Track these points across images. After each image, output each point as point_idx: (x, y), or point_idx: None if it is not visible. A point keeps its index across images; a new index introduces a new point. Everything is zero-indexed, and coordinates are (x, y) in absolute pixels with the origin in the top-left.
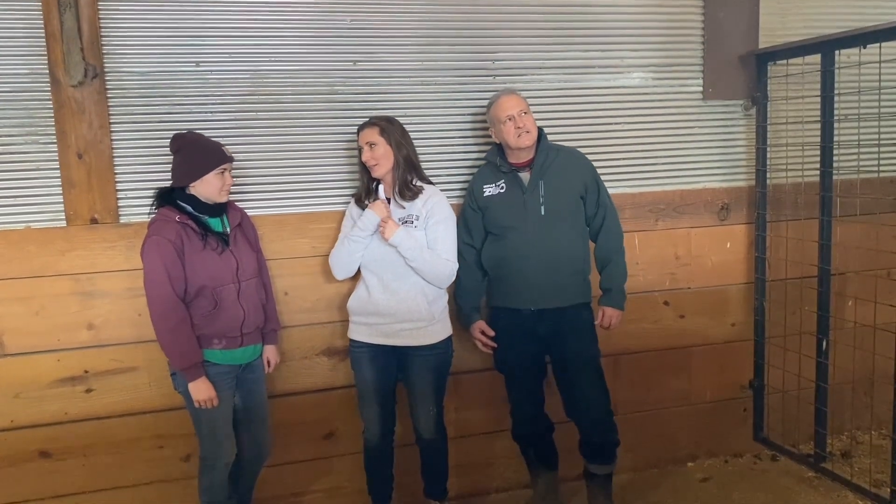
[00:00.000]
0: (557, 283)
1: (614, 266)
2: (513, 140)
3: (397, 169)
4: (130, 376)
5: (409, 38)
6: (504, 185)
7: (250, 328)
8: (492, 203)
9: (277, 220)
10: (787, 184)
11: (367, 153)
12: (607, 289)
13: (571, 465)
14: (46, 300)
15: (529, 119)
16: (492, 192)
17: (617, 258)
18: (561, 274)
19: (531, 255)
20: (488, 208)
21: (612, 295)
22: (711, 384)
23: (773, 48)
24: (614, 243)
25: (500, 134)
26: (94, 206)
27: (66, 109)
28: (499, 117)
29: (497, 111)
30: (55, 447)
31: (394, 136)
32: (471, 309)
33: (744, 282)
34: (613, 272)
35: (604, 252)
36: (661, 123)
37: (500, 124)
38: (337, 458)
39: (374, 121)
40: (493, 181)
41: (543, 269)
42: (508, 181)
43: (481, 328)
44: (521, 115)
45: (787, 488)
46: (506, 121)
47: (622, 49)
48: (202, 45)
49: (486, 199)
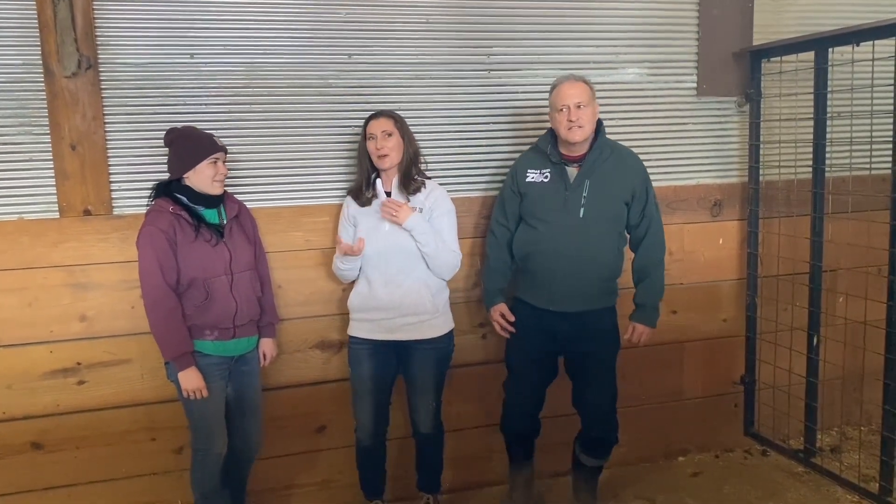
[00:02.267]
0: (583, 289)
1: (652, 281)
2: (563, 132)
3: (403, 163)
4: (123, 368)
5: (404, 32)
6: (549, 175)
7: (243, 320)
8: (532, 190)
9: (271, 213)
10: (779, 180)
11: (381, 141)
12: (641, 304)
13: (548, 462)
14: (39, 291)
15: (586, 112)
16: (535, 178)
17: (655, 273)
18: (588, 280)
19: (561, 257)
20: (528, 195)
21: (646, 311)
22: (703, 379)
23: (768, 45)
24: (655, 257)
25: (554, 122)
26: (88, 197)
27: (59, 100)
28: (555, 105)
29: (554, 98)
30: (47, 439)
31: (406, 131)
32: (495, 290)
33: (736, 278)
34: (650, 288)
35: (643, 265)
36: (655, 119)
37: (556, 112)
38: (329, 452)
39: (389, 112)
40: (539, 168)
41: (571, 273)
42: (554, 172)
43: (502, 311)
44: (576, 107)
45: (777, 483)
46: (560, 110)
47: (617, 44)
48: (196, 36)
49: (528, 184)
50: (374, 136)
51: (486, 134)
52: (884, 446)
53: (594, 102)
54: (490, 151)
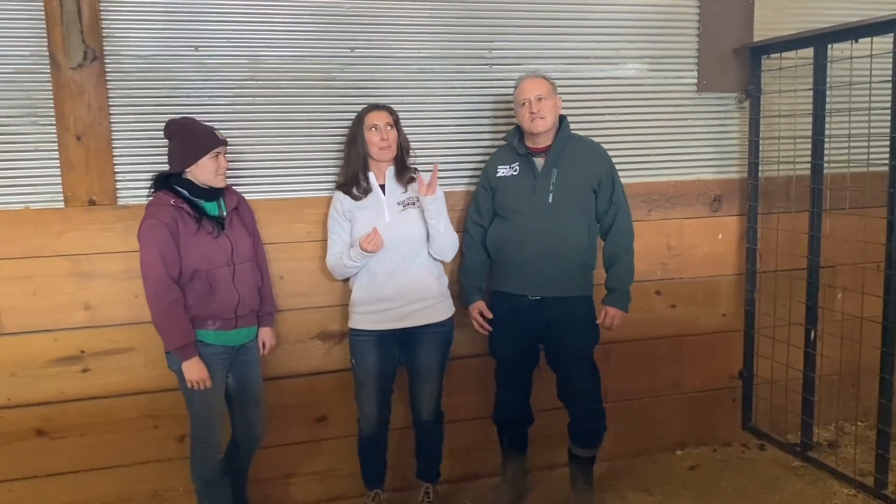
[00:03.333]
0: (557, 273)
1: (622, 266)
2: (526, 124)
3: (398, 156)
4: (126, 357)
5: (407, 26)
6: (518, 168)
7: (245, 310)
8: (503, 184)
9: (273, 205)
10: (778, 176)
11: (384, 133)
12: (612, 288)
13: (542, 454)
14: (44, 280)
15: (545, 105)
16: (505, 173)
17: (625, 258)
18: (561, 263)
19: (532, 241)
20: (499, 189)
21: (616, 295)
22: (701, 373)
23: (768, 41)
24: (624, 242)
25: (518, 116)
26: (92, 187)
27: (65, 91)
28: (517, 100)
29: (517, 94)
30: (51, 426)
31: (400, 124)
32: (473, 288)
33: (734, 273)
34: (620, 272)
35: (612, 250)
36: (655, 115)
37: (518, 107)
38: (329, 441)
39: (384, 106)
40: (508, 163)
41: (543, 256)
42: (522, 164)
43: (480, 309)
44: (536, 100)
45: (774, 476)
46: (522, 104)
47: (618, 40)
48: (201, 29)
49: (498, 179)
50: (377, 126)
51: (488, 127)
52: (879, 440)
53: (555, 96)
54: (492, 145)
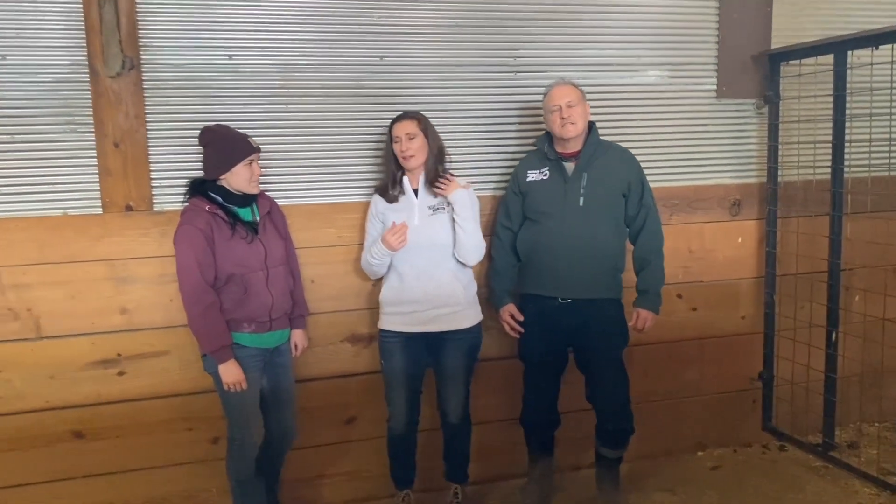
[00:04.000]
0: (587, 275)
1: (653, 269)
2: (557, 130)
3: (429, 162)
4: (161, 360)
5: (434, 35)
6: (548, 173)
7: (278, 313)
8: (533, 188)
9: (306, 210)
10: (798, 181)
11: (405, 144)
12: (644, 291)
13: (566, 456)
14: (82, 285)
15: (576, 111)
16: (535, 177)
17: (656, 261)
18: (592, 266)
19: (564, 244)
20: (529, 193)
21: (648, 297)
22: (721, 375)
23: (787, 48)
24: (654, 245)
25: (548, 123)
26: (130, 193)
27: (103, 100)
28: (548, 107)
29: (547, 101)
30: (88, 428)
31: (430, 130)
32: (503, 291)
33: (754, 276)
34: (651, 275)
35: (643, 253)
36: (675, 121)
37: (549, 114)
38: (358, 443)
39: (412, 114)
40: (538, 167)
41: (575, 259)
42: (553, 169)
43: (511, 311)
44: (567, 106)
45: (796, 476)
46: (553, 110)
47: (639, 48)
48: (235, 38)
49: (528, 184)
50: (398, 138)
51: (514, 133)
52: None
53: (584, 103)
54: (518, 151)
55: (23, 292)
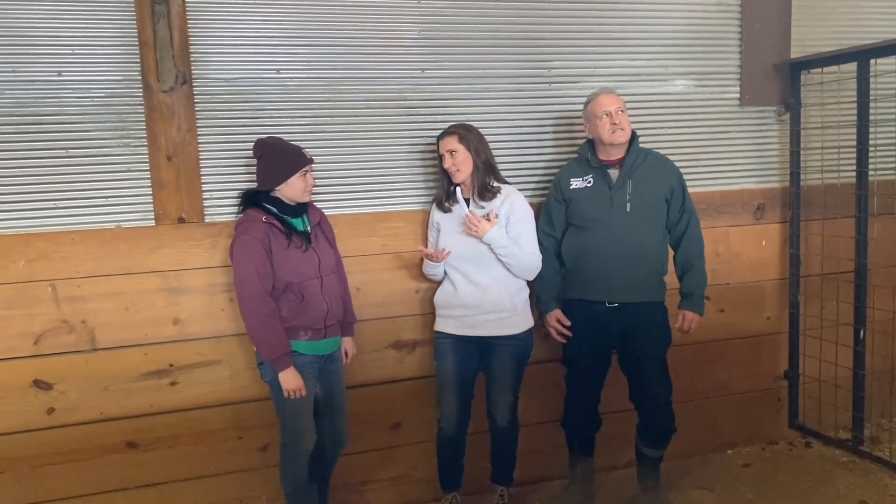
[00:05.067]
0: (636, 279)
1: (696, 272)
2: (607, 136)
3: (476, 173)
4: (212, 369)
5: (472, 48)
6: (592, 180)
7: (332, 320)
8: (577, 196)
9: (351, 220)
10: (821, 185)
11: (448, 160)
12: (689, 293)
13: (603, 456)
14: (135, 296)
15: (625, 117)
16: (578, 185)
17: (699, 263)
18: (640, 270)
19: (613, 249)
20: (573, 200)
21: (693, 300)
22: (748, 375)
23: (809, 57)
24: (697, 249)
25: (595, 129)
26: (182, 205)
27: (156, 114)
28: (595, 113)
29: (595, 107)
30: (141, 438)
31: (472, 143)
32: (549, 298)
33: (778, 277)
34: (695, 278)
35: (686, 257)
36: (701, 128)
37: (597, 119)
38: (403, 448)
39: (453, 129)
40: (581, 175)
41: (624, 263)
42: (596, 176)
43: (558, 317)
44: (617, 112)
45: (825, 471)
46: (602, 116)
47: (666, 57)
48: (282, 53)
49: (572, 191)
50: (443, 155)
51: (550, 143)
52: None
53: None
54: (553, 160)
55: (78, 304)
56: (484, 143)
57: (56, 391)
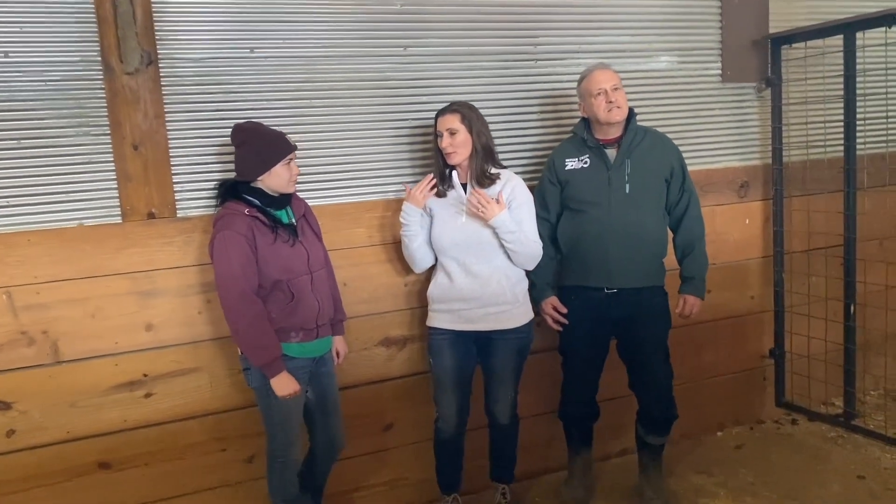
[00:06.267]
0: (637, 263)
1: (697, 254)
2: (603, 114)
3: (475, 157)
4: (191, 378)
5: (456, 24)
6: (588, 161)
7: (324, 319)
8: (573, 177)
9: (334, 210)
10: (806, 160)
11: (446, 140)
12: (690, 277)
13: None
14: (103, 301)
15: (621, 94)
16: (574, 166)
17: (699, 246)
18: (641, 254)
19: (613, 233)
20: (569, 182)
21: (694, 283)
22: (734, 355)
23: (792, 31)
24: (698, 231)
25: (591, 108)
26: (152, 199)
27: (119, 98)
28: (590, 90)
29: (589, 84)
30: (114, 457)
31: (474, 124)
32: (544, 284)
33: (761, 256)
34: (696, 261)
35: (687, 239)
36: (686, 105)
37: (591, 98)
38: (397, 450)
39: (456, 107)
40: (577, 155)
41: (624, 247)
42: (593, 156)
43: (554, 304)
44: (613, 89)
45: (816, 448)
46: (597, 94)
47: (650, 33)
48: (256, 30)
49: (568, 172)
50: (440, 133)
51: (536, 122)
52: None
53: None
54: (540, 140)
55: (37, 313)
56: (486, 126)
57: (16, 411)
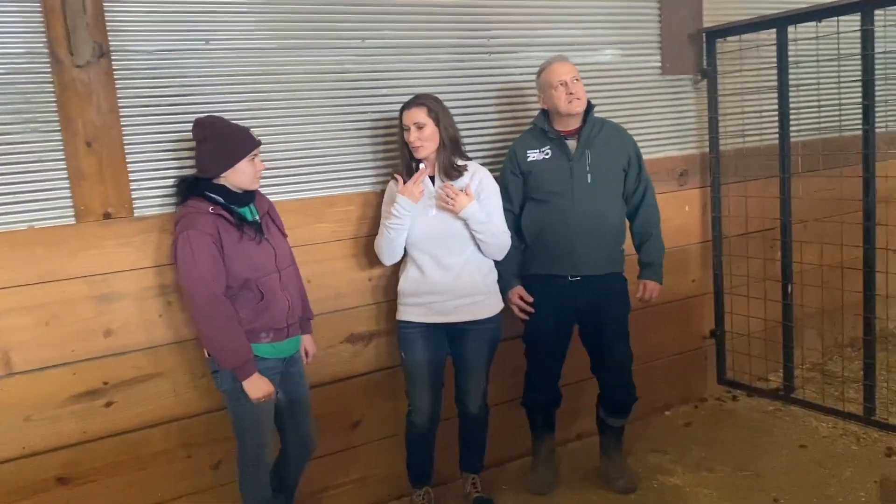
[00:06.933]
0: (600, 251)
1: (655, 240)
2: (563, 106)
3: (442, 150)
4: (153, 384)
5: (412, 16)
6: (550, 152)
7: (294, 318)
8: (536, 168)
9: (296, 206)
10: (744, 148)
11: (413, 134)
12: (648, 263)
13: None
14: (57, 307)
15: (580, 86)
16: (536, 157)
17: (656, 232)
18: (604, 242)
19: (577, 222)
20: (532, 173)
21: (653, 268)
22: (678, 337)
23: (727, 25)
24: (654, 218)
25: (551, 100)
26: (107, 199)
27: (70, 92)
28: (550, 82)
29: (549, 76)
30: (74, 471)
31: (441, 117)
32: (509, 275)
33: (700, 241)
34: (654, 246)
35: (644, 226)
36: (630, 97)
37: (552, 90)
38: (365, 447)
39: (422, 100)
40: (538, 147)
41: (588, 235)
42: (554, 147)
43: (520, 293)
44: (573, 81)
45: (759, 421)
46: (558, 86)
47: (596, 27)
48: (211, 21)
49: (530, 163)
50: (407, 127)
51: (494, 115)
52: (866, 372)
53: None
54: (497, 132)
55: None
56: (451, 118)
57: None
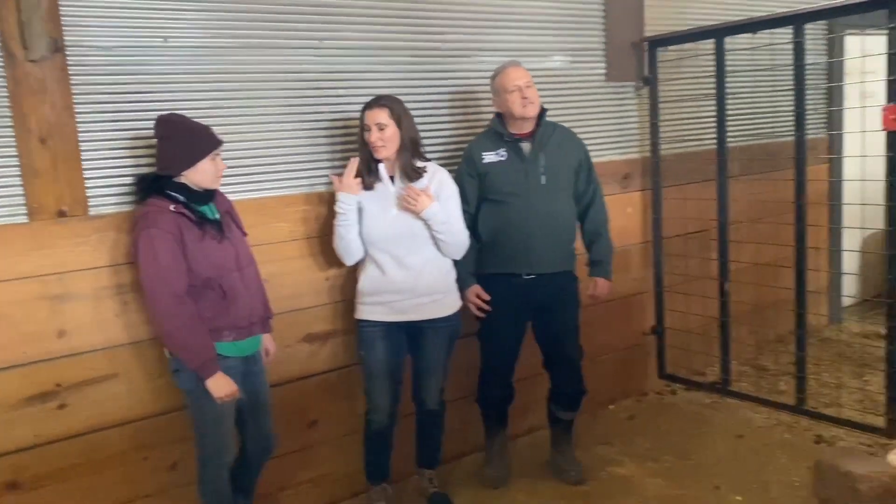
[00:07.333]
0: (554, 250)
1: (604, 240)
2: (518, 110)
3: (403, 151)
4: (108, 385)
5: (369, 18)
6: (505, 154)
7: (256, 317)
8: (492, 169)
9: (255, 205)
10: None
11: (375, 135)
12: (598, 261)
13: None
14: (9, 308)
15: (534, 91)
16: (492, 159)
17: (605, 232)
18: (559, 241)
19: (533, 222)
20: (488, 174)
21: (603, 266)
22: (620, 334)
23: (667, 35)
24: (603, 218)
25: (505, 103)
26: (62, 196)
27: (23, 88)
28: (505, 87)
29: (503, 81)
30: (26, 476)
31: (402, 118)
32: (466, 273)
33: (641, 241)
34: (603, 245)
35: (594, 226)
36: (576, 102)
37: (506, 94)
38: (322, 446)
39: (384, 101)
40: (493, 149)
41: (544, 235)
42: (509, 150)
43: (477, 292)
44: (526, 86)
45: (698, 413)
46: (513, 90)
47: (545, 34)
48: (168, 18)
49: (486, 165)
50: (368, 127)
51: (445, 116)
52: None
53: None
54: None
55: None
56: (412, 120)
57: None
